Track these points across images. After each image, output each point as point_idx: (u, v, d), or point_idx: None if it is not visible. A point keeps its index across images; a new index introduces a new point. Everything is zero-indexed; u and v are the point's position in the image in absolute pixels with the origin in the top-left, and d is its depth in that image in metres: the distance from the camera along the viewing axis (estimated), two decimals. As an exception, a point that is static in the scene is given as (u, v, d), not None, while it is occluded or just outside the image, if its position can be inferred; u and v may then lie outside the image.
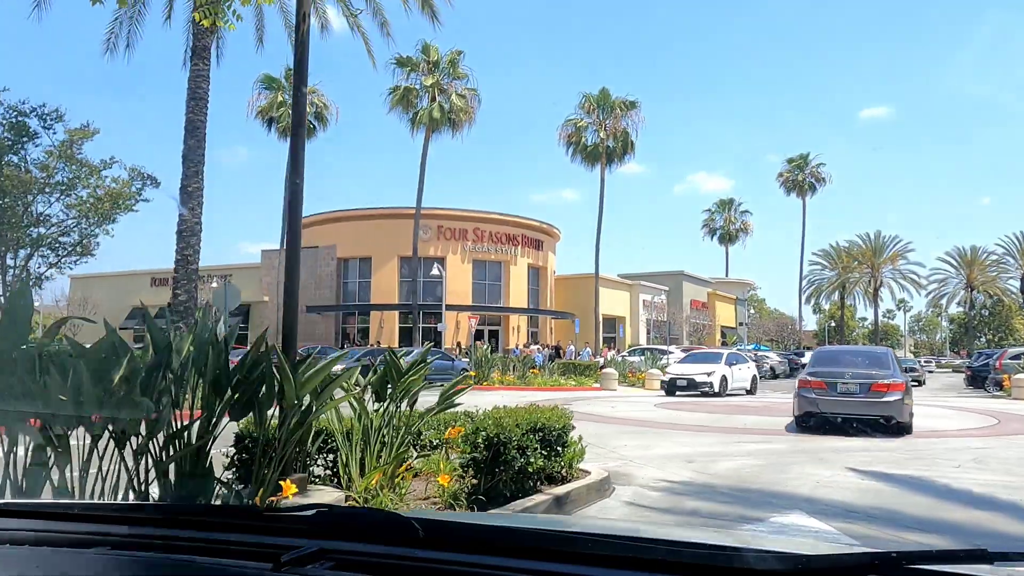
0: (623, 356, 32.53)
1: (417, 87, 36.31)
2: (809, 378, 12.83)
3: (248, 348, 4.37)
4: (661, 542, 1.19)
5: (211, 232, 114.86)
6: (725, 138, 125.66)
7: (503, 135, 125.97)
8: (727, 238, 76.96)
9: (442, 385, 16.67)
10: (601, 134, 42.10)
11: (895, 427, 12.09)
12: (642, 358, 30.46)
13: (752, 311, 72.12)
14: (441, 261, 40.45)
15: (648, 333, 51.63)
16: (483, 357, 25.80)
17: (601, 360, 32.87)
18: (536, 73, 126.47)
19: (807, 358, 49.04)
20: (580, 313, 45.75)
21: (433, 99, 35.63)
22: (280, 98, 38.44)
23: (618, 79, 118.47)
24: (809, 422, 12.60)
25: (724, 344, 54.03)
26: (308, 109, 39.01)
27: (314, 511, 1.28)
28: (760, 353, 44.88)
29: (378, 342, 38.61)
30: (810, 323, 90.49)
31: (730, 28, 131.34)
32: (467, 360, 29.64)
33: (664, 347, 33.11)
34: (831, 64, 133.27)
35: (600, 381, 26.64)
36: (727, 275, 74.56)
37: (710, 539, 1.29)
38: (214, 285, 39.68)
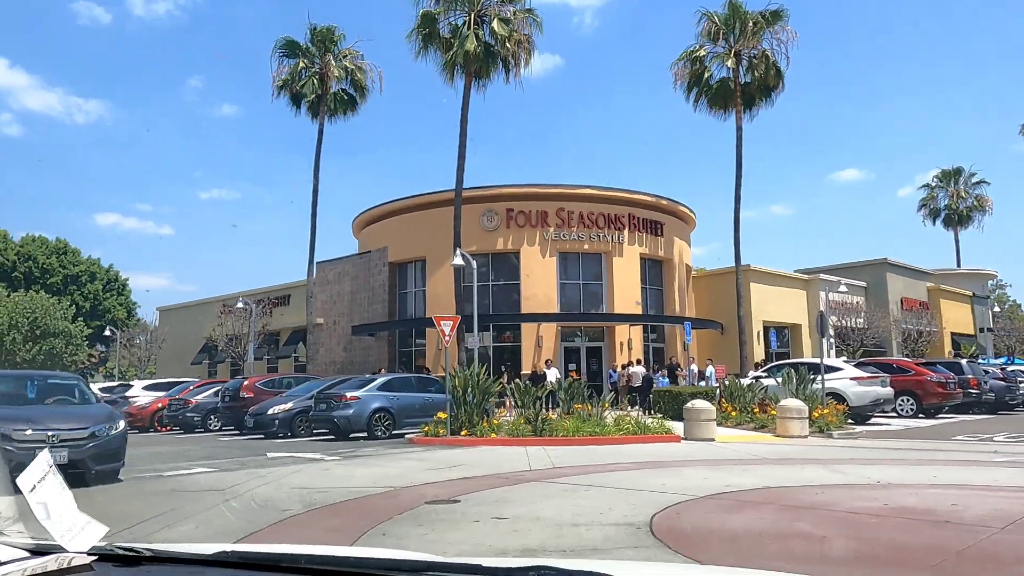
0: (754, 377, 19.98)
1: (453, 20, 26.67)
2: None
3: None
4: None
5: (272, 249, 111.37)
6: (962, 132, 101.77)
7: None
8: (954, 219, 58.50)
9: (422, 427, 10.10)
10: (729, 62, 29.66)
11: None
12: (779, 380, 17.90)
13: (997, 310, 53.28)
14: (515, 255, 30.19)
15: (833, 343, 37.13)
16: (467, 385, 15.06)
17: (718, 383, 20.66)
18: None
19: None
20: (732, 320, 33.07)
21: (469, 27, 25.76)
22: (303, 64, 30.60)
23: (827, 75, 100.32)
24: None
25: (957, 355, 37.84)
26: (340, 75, 30.72)
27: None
28: (1013, 368, 29.34)
29: (423, 367, 29.17)
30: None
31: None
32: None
33: (814, 359, 20.08)
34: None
35: (687, 424, 14.84)
36: (958, 265, 56.26)
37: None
38: (240, 305, 32.52)
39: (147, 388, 26.12)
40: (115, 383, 29.13)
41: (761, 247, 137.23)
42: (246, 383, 20.72)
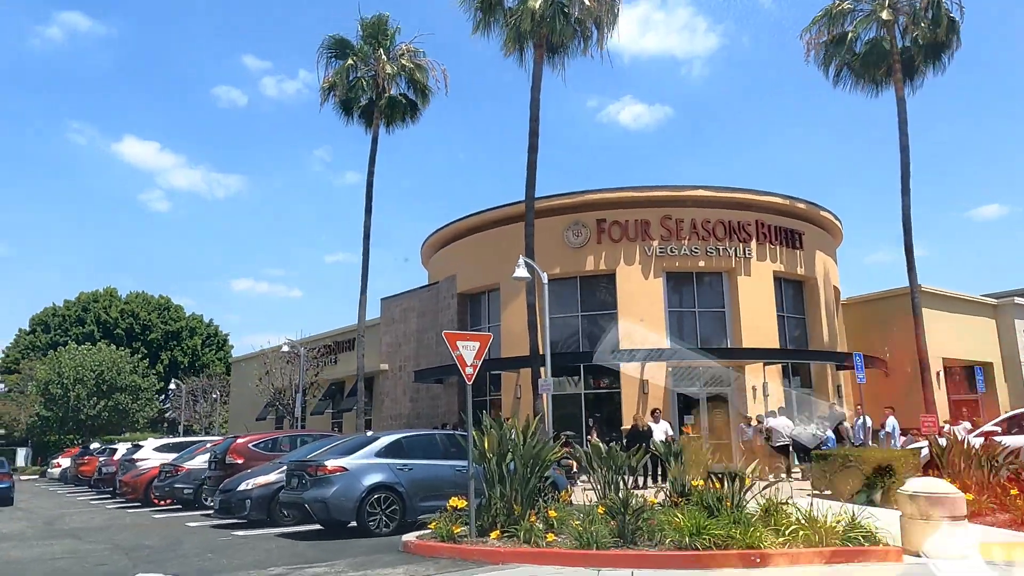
0: (982, 434, 12.51)
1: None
2: None
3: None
4: None
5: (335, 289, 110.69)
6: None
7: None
8: None
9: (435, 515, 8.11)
10: (884, 13, 22.64)
11: None
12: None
13: None
14: (609, 277, 23.90)
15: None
16: (502, 451, 8.84)
17: (919, 443, 13.40)
18: None
19: None
20: (898, 358, 25.37)
21: (534, -15, 20.24)
22: (351, 62, 26.06)
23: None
24: None
25: None
26: (394, 72, 25.86)
27: None
28: None
29: (445, 424, 23.79)
30: None
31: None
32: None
33: None
34: None
35: (907, 523, 7.90)
36: None
37: None
38: (285, 349, 27.69)
39: (159, 450, 21.41)
40: (130, 444, 24.75)
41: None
42: (236, 444, 15.34)
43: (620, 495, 8.90)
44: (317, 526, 11.23)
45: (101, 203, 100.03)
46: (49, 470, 34.42)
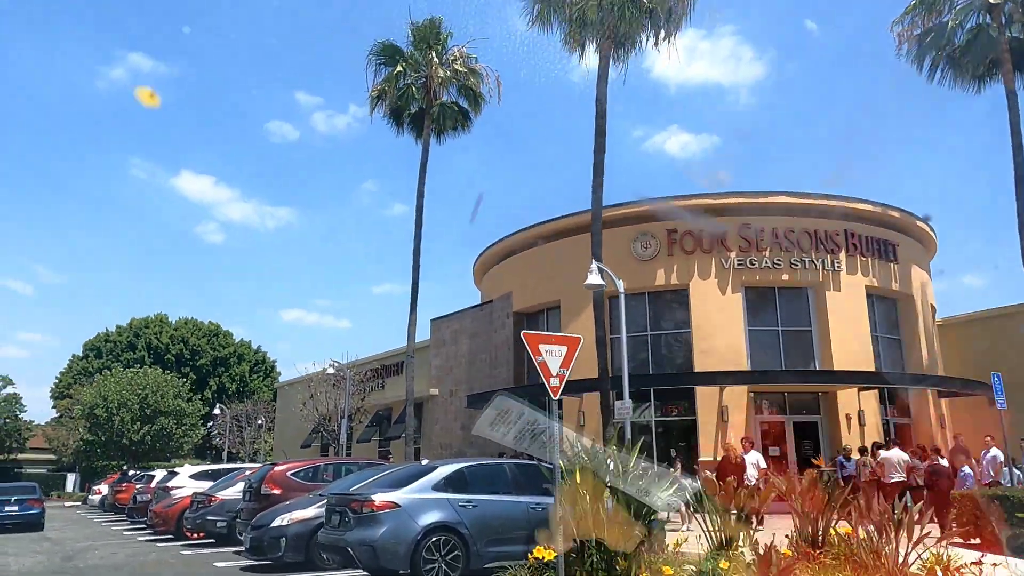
0: None
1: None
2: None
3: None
4: None
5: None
6: None
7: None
8: None
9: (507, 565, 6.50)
10: (993, -4, 20.32)
11: None
12: None
13: None
14: (681, 293, 21.78)
15: None
16: (595, 488, 6.81)
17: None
18: None
19: None
20: (1010, 384, 22.41)
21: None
22: (400, 68, 24.69)
23: None
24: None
25: None
26: (447, 77, 24.30)
27: None
28: None
29: (502, 454, 21.42)
30: None
31: None
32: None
33: None
34: None
35: None
36: None
37: None
38: (330, 371, 26.08)
39: (195, 477, 19.91)
40: (168, 471, 23.33)
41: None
42: (273, 472, 13.60)
43: (752, 548, 6.81)
44: (363, 572, 9.37)
45: (159, 235, 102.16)
46: (90, 497, 33.39)
